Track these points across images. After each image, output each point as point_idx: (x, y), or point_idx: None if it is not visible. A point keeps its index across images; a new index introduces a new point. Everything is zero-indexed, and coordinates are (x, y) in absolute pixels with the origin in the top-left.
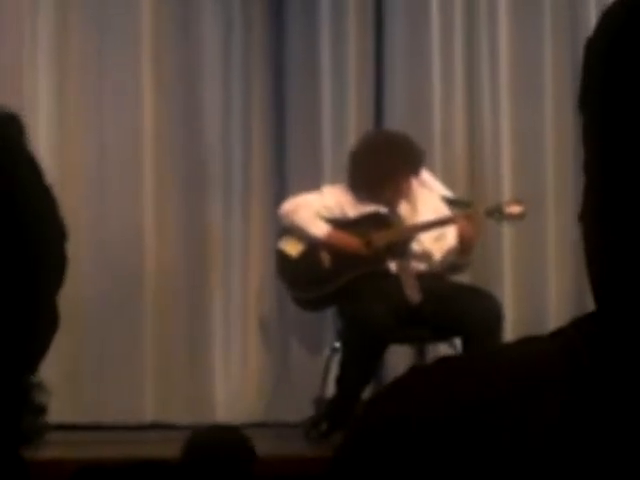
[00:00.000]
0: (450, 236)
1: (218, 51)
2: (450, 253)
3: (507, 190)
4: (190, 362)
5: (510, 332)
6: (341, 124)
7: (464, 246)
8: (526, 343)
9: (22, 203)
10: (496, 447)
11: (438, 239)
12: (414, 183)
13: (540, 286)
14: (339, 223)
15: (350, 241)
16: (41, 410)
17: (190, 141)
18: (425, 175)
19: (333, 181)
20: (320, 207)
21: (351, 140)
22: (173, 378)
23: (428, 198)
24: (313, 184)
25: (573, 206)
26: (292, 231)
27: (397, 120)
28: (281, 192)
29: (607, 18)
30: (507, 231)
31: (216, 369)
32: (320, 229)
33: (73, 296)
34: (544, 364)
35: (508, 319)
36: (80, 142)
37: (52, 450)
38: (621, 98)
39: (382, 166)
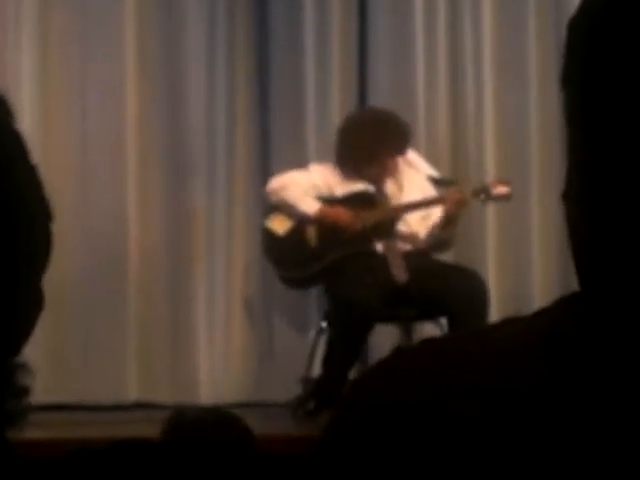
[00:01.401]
0: (434, 214)
1: (202, 34)
2: (434, 228)
3: (491, 170)
4: (174, 342)
5: (494, 312)
6: (325, 105)
7: (448, 220)
8: (510, 323)
9: (6, 183)
10: (481, 428)
11: (424, 219)
12: (401, 162)
13: (524, 266)
14: (326, 201)
15: (341, 215)
16: (25, 391)
17: (173, 123)
18: (411, 155)
19: (317, 162)
20: (308, 185)
21: (335, 121)
22: (157, 358)
23: (414, 177)
24: (297, 165)
25: (557, 185)
26: (280, 208)
27: (381, 100)
28: (265, 173)
29: None
30: (491, 210)
31: (200, 349)
32: (310, 206)
33: (56, 278)
34: (528, 344)
35: (492, 298)
36: (63, 126)
37: (36, 431)
38: (603, 76)
39: (369, 143)
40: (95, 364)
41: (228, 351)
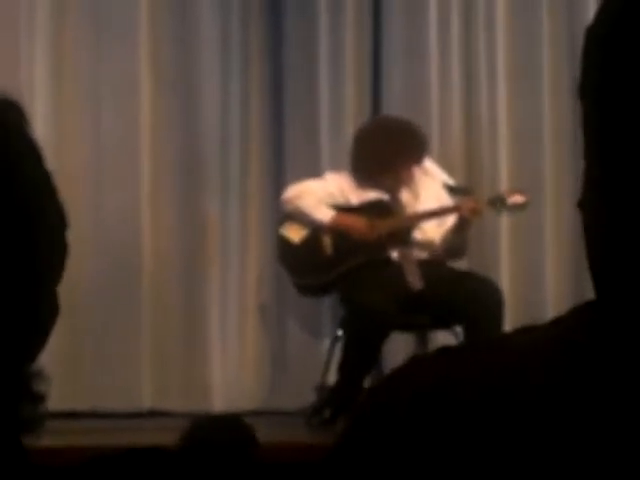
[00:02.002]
0: (449, 220)
1: (216, 41)
2: (449, 233)
3: (504, 178)
4: (188, 350)
5: (508, 319)
6: (339, 114)
7: (460, 226)
8: (525, 332)
9: (22, 190)
10: (495, 437)
11: (440, 226)
12: (417, 171)
13: (537, 273)
14: (341, 210)
15: (356, 223)
16: (41, 398)
17: (188, 130)
18: (428, 163)
19: (331, 170)
20: (323, 193)
21: (349, 130)
22: (171, 366)
23: (430, 186)
24: (311, 173)
25: (570, 193)
26: (295, 217)
27: (394, 108)
28: (279, 180)
29: (606, 6)
30: (505, 218)
31: (214, 356)
32: (325, 214)
33: (71, 284)
34: (544, 353)
35: (506, 306)
36: (77, 133)
37: (50, 438)
38: (620, 86)
39: (385, 152)
40: (109, 372)
41: (242, 359)
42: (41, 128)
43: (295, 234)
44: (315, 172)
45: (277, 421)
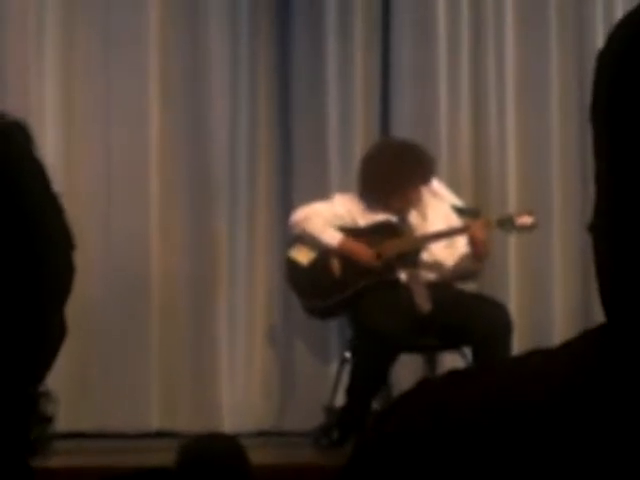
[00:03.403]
0: (460, 244)
1: (225, 60)
2: (463, 260)
3: (513, 199)
4: (196, 370)
5: (516, 340)
6: (347, 135)
7: (478, 252)
8: (535, 355)
9: (28, 212)
10: (505, 461)
11: (448, 247)
12: (425, 192)
13: (546, 295)
14: (350, 232)
15: (361, 251)
16: (48, 420)
17: (196, 149)
18: (436, 184)
19: (339, 191)
20: (331, 216)
21: (358, 151)
22: (179, 386)
23: (438, 207)
24: (319, 195)
25: (579, 216)
26: (303, 239)
27: (403, 130)
28: (287, 200)
29: (618, 32)
30: (513, 240)
31: (222, 377)
32: (332, 237)
33: (79, 304)
34: (553, 376)
35: (514, 328)
36: (87, 150)
37: (58, 458)
38: (631, 109)
39: (393, 175)
40: (117, 392)
41: (250, 379)
42: (51, 148)
43: (304, 256)
44: (323, 193)
45: (285, 442)
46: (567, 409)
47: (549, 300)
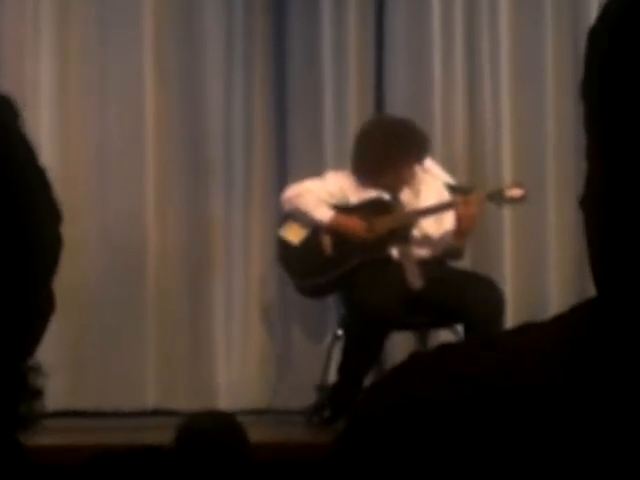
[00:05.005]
0: (448, 219)
1: (220, 38)
2: (447, 236)
3: (507, 176)
4: (192, 349)
5: (510, 317)
6: (342, 112)
7: (460, 229)
8: (526, 329)
9: (15, 186)
10: (495, 435)
11: (437, 222)
12: (418, 170)
13: (541, 271)
14: (341, 209)
15: (353, 224)
16: (38, 394)
17: (192, 129)
18: (429, 162)
19: (334, 169)
20: (323, 193)
21: (352, 129)
22: (175, 365)
23: (431, 185)
24: (314, 172)
25: (573, 192)
26: (295, 216)
27: (398, 108)
28: (282, 180)
29: (609, 8)
30: (507, 215)
31: (218, 356)
32: (324, 214)
33: (75, 282)
34: (544, 349)
35: (508, 304)
36: (82, 129)
37: (54, 437)
38: (622, 86)
39: (386, 152)
40: (114, 370)
41: (245, 358)
42: (46, 128)
43: (294, 235)
44: (318, 172)
45: (280, 420)
46: (558, 382)
47: (544, 275)
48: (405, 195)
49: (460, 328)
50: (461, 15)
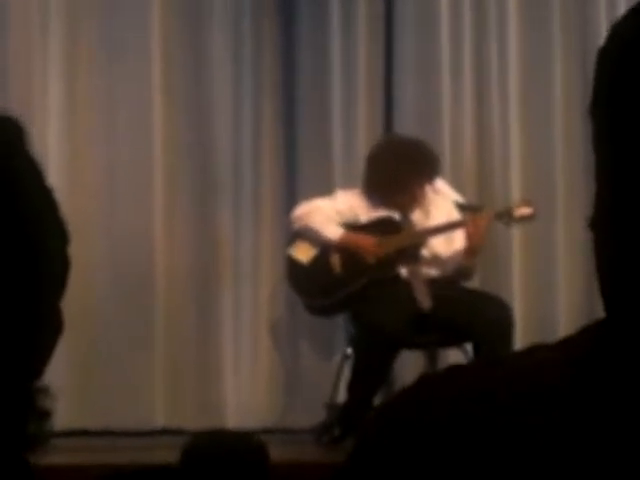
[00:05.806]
0: (458, 239)
1: (228, 56)
2: (457, 255)
3: (516, 194)
4: (201, 368)
5: (519, 335)
6: (351, 131)
7: (470, 247)
8: (535, 350)
9: (23, 208)
10: (504, 455)
11: (446, 241)
12: (428, 190)
13: (550, 290)
14: (350, 227)
15: (363, 240)
16: (46, 415)
17: (200, 147)
18: (439, 182)
19: (342, 184)
20: (332, 212)
21: (361, 148)
22: (183, 384)
23: (441, 204)
24: (323, 190)
25: (583, 211)
26: (304, 235)
27: (407, 127)
28: (291, 198)
29: (619, 28)
30: (517, 235)
31: (227, 374)
32: (333, 232)
33: (84, 302)
34: (552, 372)
35: (517, 323)
36: (90, 148)
37: (63, 456)
38: (630, 106)
39: (397, 173)
40: (122, 390)
41: (254, 377)
42: (54, 141)
43: (303, 254)
44: (327, 191)
45: (288, 439)
46: (566, 404)
47: (553, 295)
48: (415, 215)
49: (469, 347)
50: (470, 32)
